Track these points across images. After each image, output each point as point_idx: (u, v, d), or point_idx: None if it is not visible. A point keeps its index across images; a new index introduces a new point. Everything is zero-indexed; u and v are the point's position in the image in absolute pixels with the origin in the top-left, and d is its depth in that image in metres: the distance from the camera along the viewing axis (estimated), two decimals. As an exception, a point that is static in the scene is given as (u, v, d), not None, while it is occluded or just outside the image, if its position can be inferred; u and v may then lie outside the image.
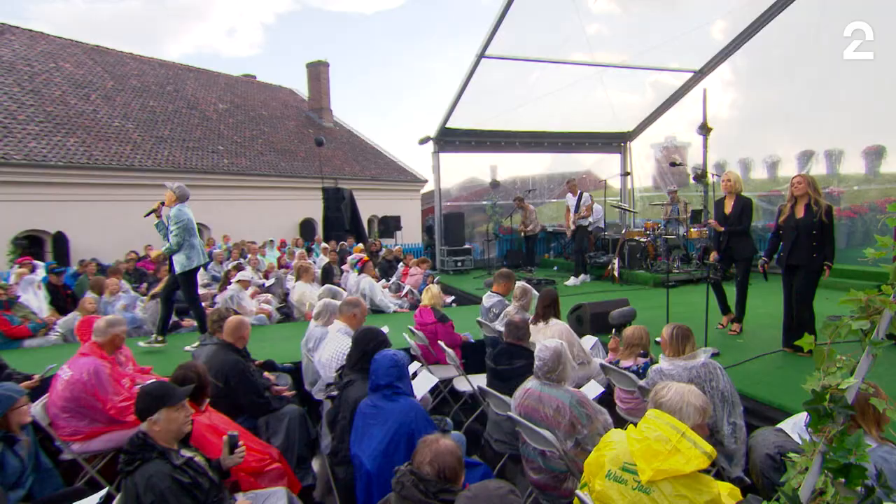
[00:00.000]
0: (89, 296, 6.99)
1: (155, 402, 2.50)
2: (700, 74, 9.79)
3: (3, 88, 14.29)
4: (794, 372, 4.33)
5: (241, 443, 2.78)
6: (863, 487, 1.48)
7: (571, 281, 9.12)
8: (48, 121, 14.16)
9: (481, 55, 8.71)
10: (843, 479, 1.50)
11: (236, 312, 4.94)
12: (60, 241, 13.02)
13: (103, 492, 2.81)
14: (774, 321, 5.52)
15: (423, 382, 3.42)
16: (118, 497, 2.48)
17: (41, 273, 8.88)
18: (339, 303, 4.47)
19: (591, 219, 9.55)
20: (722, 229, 5.47)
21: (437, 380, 3.73)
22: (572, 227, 9.42)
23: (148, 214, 5.93)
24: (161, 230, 5.79)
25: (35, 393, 4.06)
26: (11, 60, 15.52)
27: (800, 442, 2.42)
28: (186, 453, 2.56)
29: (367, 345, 3.07)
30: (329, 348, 3.92)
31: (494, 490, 1.61)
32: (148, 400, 2.51)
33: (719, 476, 3.25)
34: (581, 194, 9.40)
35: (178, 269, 5.68)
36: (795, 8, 7.94)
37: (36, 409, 3.67)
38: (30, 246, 12.79)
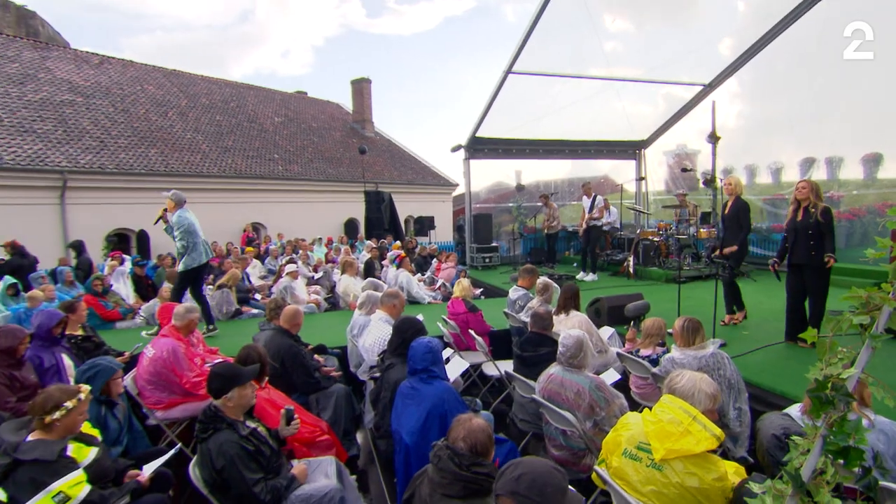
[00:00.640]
0: (166, 285, 7.24)
1: (229, 382, 2.59)
2: (709, 88, 9.50)
3: (101, 109, 15.06)
4: (796, 362, 4.20)
5: (296, 416, 2.86)
6: (860, 468, 1.44)
7: (590, 276, 8.98)
8: (134, 135, 14.81)
9: (508, 71, 8.63)
10: (842, 461, 1.46)
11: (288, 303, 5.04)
12: (143, 237, 13.59)
13: (175, 448, 2.94)
14: (778, 315, 5.34)
15: (454, 367, 3.44)
16: (195, 459, 2.59)
17: (128, 265, 9.31)
18: (380, 294, 4.50)
19: (604, 219, 9.35)
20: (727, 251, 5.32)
21: (468, 364, 3.74)
22: (584, 226, 9.26)
23: (156, 222, 5.92)
24: (170, 233, 5.81)
25: (125, 368, 4.28)
26: (108, 85, 16.33)
27: (803, 426, 2.35)
28: (251, 424, 2.65)
29: (405, 332, 3.09)
30: (372, 335, 3.97)
31: (540, 466, 1.53)
32: (223, 381, 2.59)
33: (725, 456, 3.17)
34: (595, 197, 9.22)
35: (181, 267, 5.64)
36: (798, 25, 7.68)
37: (127, 381, 3.85)
38: (118, 242, 13.43)
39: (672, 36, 8.95)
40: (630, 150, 11.77)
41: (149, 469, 2.72)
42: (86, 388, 2.61)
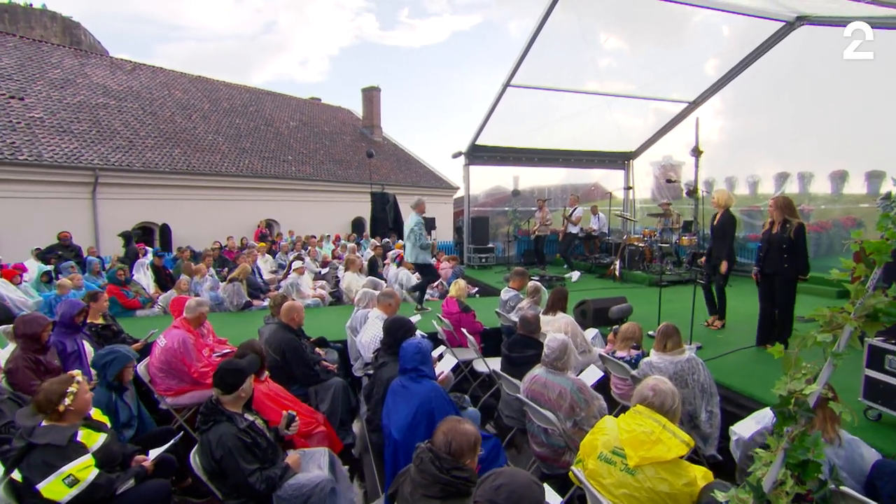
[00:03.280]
0: (183, 277, 7.20)
1: (241, 377, 2.57)
2: (693, 105, 9.42)
3: (131, 112, 15.03)
4: (765, 366, 4.16)
5: (296, 421, 2.80)
6: (817, 481, 1.41)
7: (575, 276, 8.99)
8: (160, 136, 14.77)
9: (507, 84, 8.54)
10: (799, 473, 1.42)
11: (293, 298, 4.97)
12: (165, 231, 13.59)
13: (178, 436, 2.91)
14: (751, 320, 5.30)
15: (446, 362, 3.39)
16: (196, 448, 2.55)
17: (150, 257, 9.27)
18: (377, 292, 4.45)
19: (580, 226, 9.67)
20: (724, 270, 5.21)
21: (458, 360, 3.68)
22: (564, 231, 9.55)
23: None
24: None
25: (140, 354, 4.25)
26: (138, 90, 16.30)
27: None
28: (249, 417, 2.61)
29: (396, 333, 3.03)
30: (368, 332, 3.92)
31: (520, 479, 1.46)
32: (238, 376, 2.57)
33: (696, 453, 3.14)
34: (576, 208, 9.48)
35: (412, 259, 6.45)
36: (777, 49, 7.66)
37: (140, 369, 3.84)
38: (143, 235, 13.42)
39: (662, 55, 8.93)
40: (619, 160, 11.67)
41: (154, 454, 2.68)
42: (77, 371, 2.57)
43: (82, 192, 12.29)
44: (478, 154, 10.75)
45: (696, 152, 9.24)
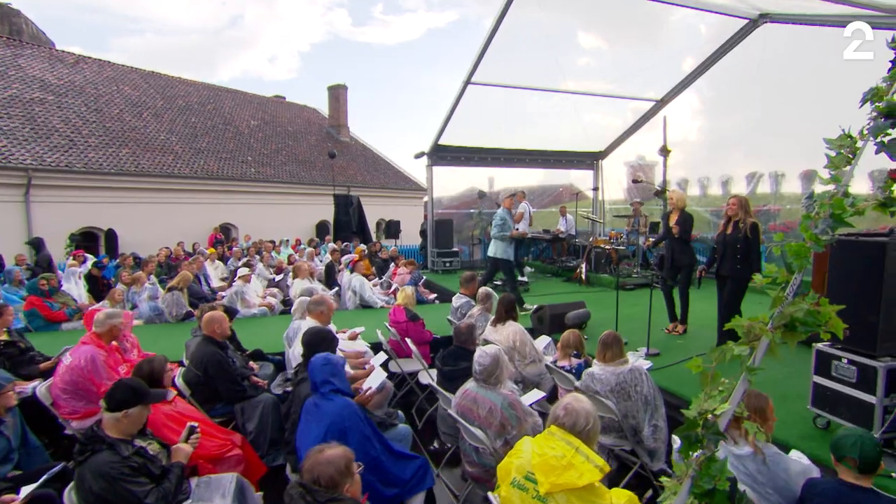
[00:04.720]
0: (119, 287, 6.81)
1: (136, 399, 2.34)
2: (661, 103, 9.45)
3: (73, 108, 14.33)
4: (722, 374, 4.10)
5: (197, 433, 2.58)
6: None
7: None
8: (106, 135, 14.14)
9: (467, 82, 8.44)
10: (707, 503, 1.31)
11: (226, 309, 4.66)
12: (111, 236, 12.97)
13: (59, 466, 2.64)
14: (714, 324, 5.28)
15: (374, 378, 3.20)
16: (71, 484, 2.29)
17: (89, 266, 8.76)
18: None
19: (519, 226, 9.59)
20: (651, 242, 5.29)
21: (385, 374, 3.48)
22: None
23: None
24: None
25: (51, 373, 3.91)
26: (82, 85, 15.56)
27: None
28: (139, 443, 2.37)
29: (318, 346, 2.83)
30: (300, 344, 3.71)
31: None
32: (132, 395, 2.34)
33: (643, 469, 3.04)
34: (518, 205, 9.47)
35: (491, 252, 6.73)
36: (756, 48, 7.65)
37: (41, 390, 3.53)
38: (85, 241, 12.73)
39: (631, 53, 8.92)
40: (588, 160, 11.71)
41: (26, 491, 2.40)
42: None
43: (13, 194, 11.60)
44: (441, 154, 10.60)
45: (664, 151, 9.31)
